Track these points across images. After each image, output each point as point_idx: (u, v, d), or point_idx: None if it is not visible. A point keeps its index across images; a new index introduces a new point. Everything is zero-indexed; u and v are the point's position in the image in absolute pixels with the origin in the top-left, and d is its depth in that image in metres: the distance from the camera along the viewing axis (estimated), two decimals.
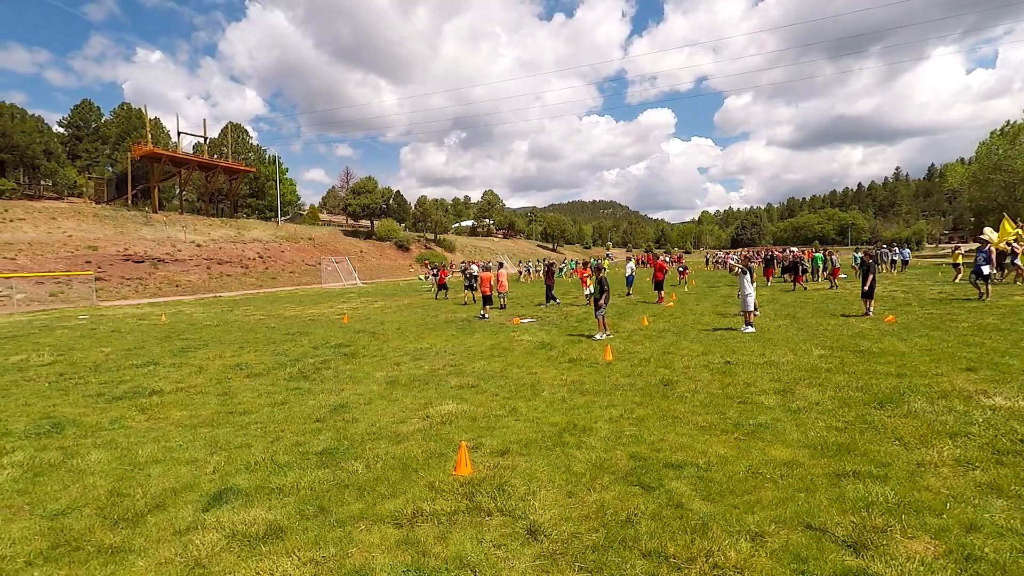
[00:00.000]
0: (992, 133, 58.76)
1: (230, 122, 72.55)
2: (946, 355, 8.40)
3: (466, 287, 21.24)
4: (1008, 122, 53.96)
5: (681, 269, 29.75)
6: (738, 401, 6.36)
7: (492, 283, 16.39)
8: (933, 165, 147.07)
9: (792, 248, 60.26)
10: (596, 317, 11.80)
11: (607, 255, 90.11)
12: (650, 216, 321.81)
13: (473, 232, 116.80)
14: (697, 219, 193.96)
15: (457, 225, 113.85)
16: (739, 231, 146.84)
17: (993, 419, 5.21)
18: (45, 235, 38.51)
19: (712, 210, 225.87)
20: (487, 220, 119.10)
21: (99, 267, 35.94)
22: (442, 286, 26.07)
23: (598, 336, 11.53)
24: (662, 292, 18.89)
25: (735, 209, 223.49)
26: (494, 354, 10.28)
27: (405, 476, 4.42)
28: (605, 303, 11.69)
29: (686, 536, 3.32)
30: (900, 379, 7.05)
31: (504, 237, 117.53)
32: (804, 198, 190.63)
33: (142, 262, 39.18)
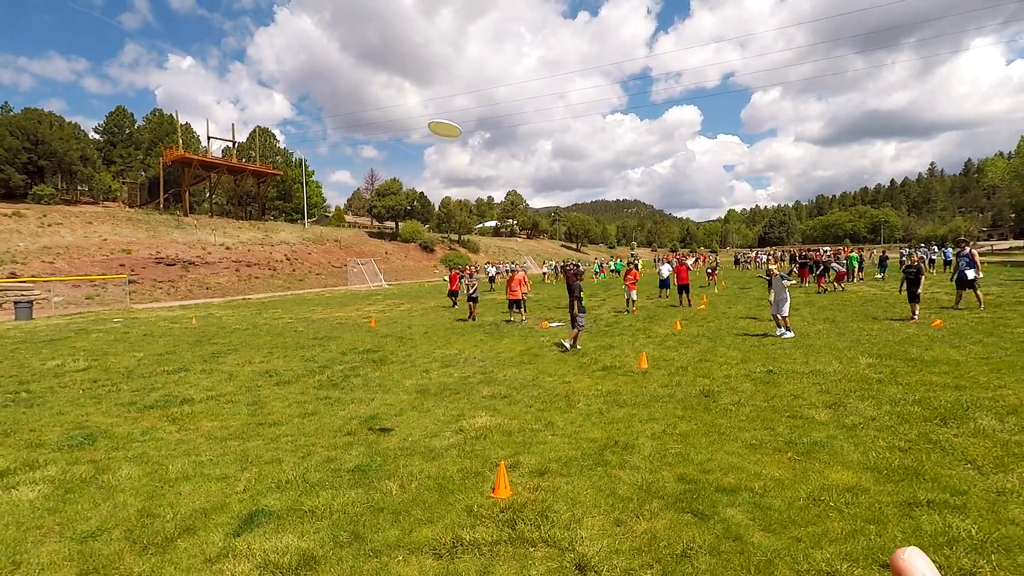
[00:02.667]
0: None
1: (258, 126, 73.79)
2: (1006, 364, 7.90)
3: (470, 299, 17.40)
4: None
5: (709, 271, 29.11)
6: (787, 415, 6.02)
7: (517, 286, 16.14)
8: (970, 160, 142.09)
9: (826, 248, 58.72)
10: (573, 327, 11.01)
11: (632, 255, 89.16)
12: (675, 215, 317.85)
13: (497, 233, 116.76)
14: (723, 218, 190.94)
15: (481, 226, 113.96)
16: (767, 230, 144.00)
17: None
18: (82, 239, 39.53)
19: (739, 208, 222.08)
20: (511, 220, 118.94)
21: (132, 270, 36.75)
22: (453, 292, 21.82)
23: (567, 344, 10.94)
24: (689, 295, 18.40)
25: (762, 207, 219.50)
26: (524, 360, 10.06)
27: (442, 498, 4.22)
28: (580, 312, 10.89)
29: (747, 574, 3.04)
30: (960, 391, 6.62)
31: (528, 237, 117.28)
32: (834, 195, 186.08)
33: (173, 265, 39.96)
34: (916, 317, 12.49)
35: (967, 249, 14.15)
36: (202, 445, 5.84)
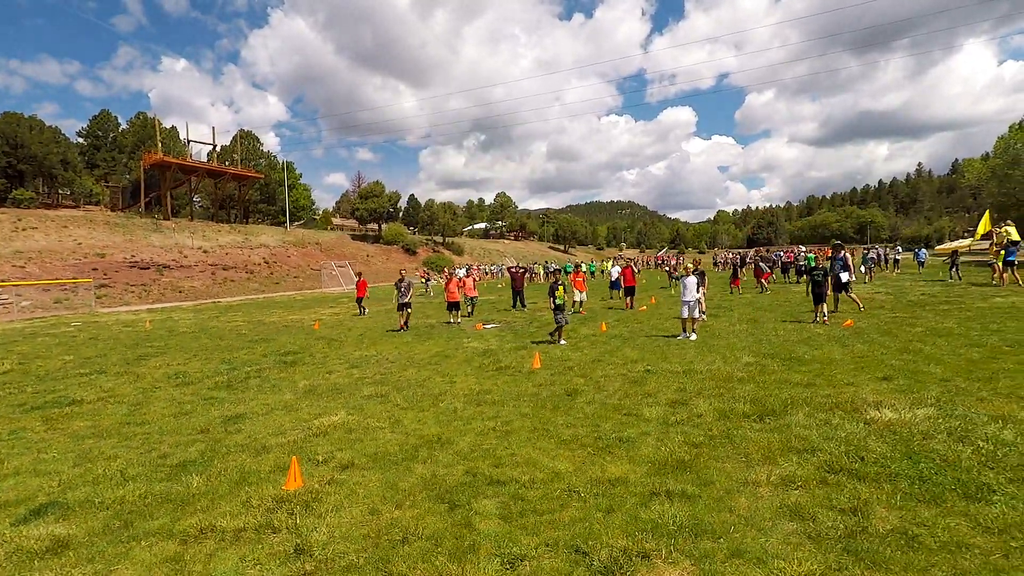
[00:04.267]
0: (1011, 127, 57.09)
1: (240, 129, 73.93)
2: (874, 363, 8.20)
3: (401, 306, 15.34)
4: None
5: (668, 270, 29.36)
6: (623, 413, 6.29)
7: (455, 288, 16.42)
8: (957, 160, 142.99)
9: (802, 248, 59.25)
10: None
11: (618, 255, 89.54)
12: (669, 216, 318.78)
13: (486, 234, 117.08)
14: (713, 218, 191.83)
15: (470, 228, 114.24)
16: (755, 230, 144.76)
17: (856, 434, 5.07)
18: (56, 243, 39.62)
19: (731, 209, 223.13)
20: (499, 222, 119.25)
21: (105, 274, 36.86)
22: (359, 299, 20.83)
23: (562, 342, 11.52)
24: (633, 298, 18.63)
25: (754, 208, 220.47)
26: (432, 362, 10.31)
27: (232, 491, 4.47)
28: (556, 310, 11.61)
29: (443, 559, 3.30)
30: (806, 389, 6.90)
31: (516, 239, 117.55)
32: (824, 196, 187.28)
33: (147, 268, 40.08)
34: (826, 319, 12.68)
35: (842, 253, 14.52)
36: (58, 443, 6.08)
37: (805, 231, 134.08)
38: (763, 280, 22.68)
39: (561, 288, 11.71)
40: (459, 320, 16.21)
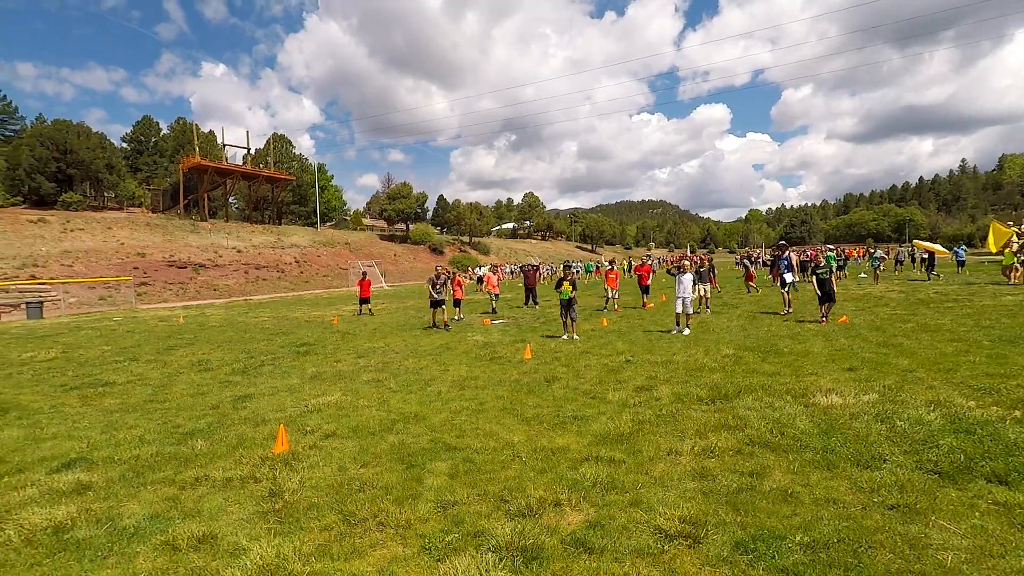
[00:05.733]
0: None
1: (274, 133, 76.40)
2: (847, 355, 8.54)
3: (435, 303, 14.69)
4: None
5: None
6: (590, 397, 6.85)
7: (456, 286, 17.18)
8: (1004, 156, 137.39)
9: (829, 247, 58.05)
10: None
11: (647, 255, 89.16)
12: (701, 215, 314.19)
13: (513, 234, 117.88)
14: (744, 217, 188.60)
15: (498, 228, 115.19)
16: (788, 229, 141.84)
17: (790, 415, 5.53)
18: (101, 243, 41.88)
19: (765, 208, 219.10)
20: (527, 222, 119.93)
21: (145, 272, 38.86)
22: (364, 300, 20.37)
23: (575, 337, 11.90)
24: (645, 296, 18.76)
25: (788, 207, 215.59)
26: (434, 353, 10.98)
27: (229, 452, 5.21)
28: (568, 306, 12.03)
29: (388, 502, 3.94)
30: (769, 378, 7.33)
31: (543, 239, 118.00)
32: (862, 194, 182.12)
33: (184, 267, 42.04)
34: (844, 318, 12.52)
35: (786, 253, 14.46)
36: (90, 416, 6.95)
37: (840, 230, 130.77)
38: (749, 282, 22.53)
39: (567, 284, 12.00)
40: (461, 316, 16.91)
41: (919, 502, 3.56)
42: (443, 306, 14.83)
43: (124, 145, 77.38)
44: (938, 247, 24.42)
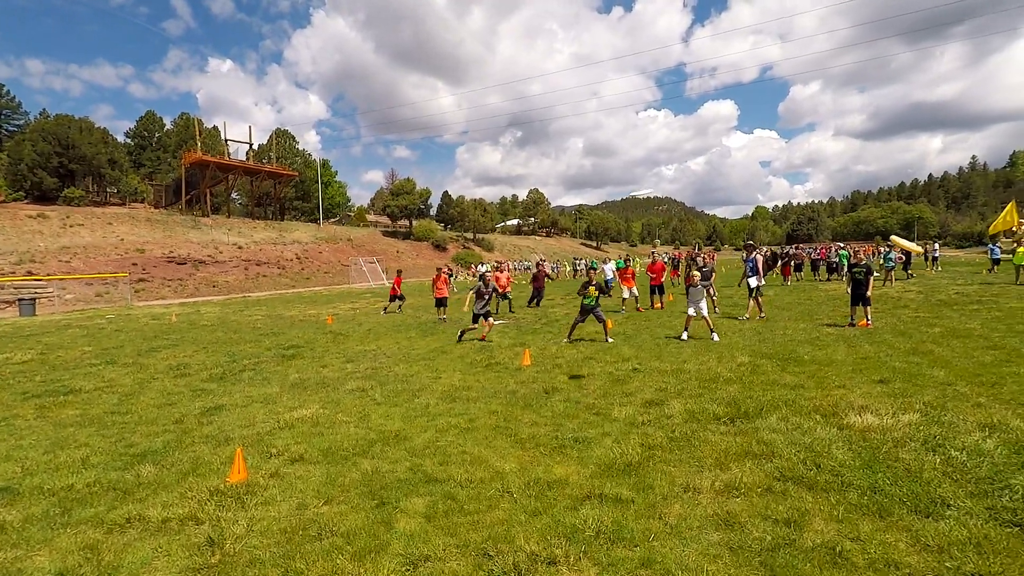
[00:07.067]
0: None
1: (277, 128, 75.83)
2: (875, 365, 7.79)
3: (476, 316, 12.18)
4: None
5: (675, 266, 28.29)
6: (593, 412, 6.14)
7: (442, 285, 16.51)
8: (1015, 153, 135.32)
9: (839, 244, 57.05)
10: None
11: (652, 252, 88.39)
12: (707, 212, 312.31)
13: (518, 231, 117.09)
14: (750, 214, 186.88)
15: (503, 224, 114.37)
16: (795, 227, 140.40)
17: (824, 440, 4.80)
18: (100, 239, 41.41)
19: (772, 205, 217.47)
20: (531, 219, 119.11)
21: (144, 268, 38.35)
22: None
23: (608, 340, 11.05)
24: (655, 296, 17.73)
25: (795, 204, 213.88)
26: (428, 357, 10.30)
27: (177, 481, 4.53)
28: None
29: (346, 558, 3.25)
30: (792, 391, 6.60)
31: (547, 235, 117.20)
32: (870, 191, 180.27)
33: (184, 264, 41.52)
34: (869, 322, 11.46)
35: (752, 255, 13.29)
36: (39, 431, 6.30)
37: (847, 227, 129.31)
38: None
39: (592, 287, 11.18)
40: (444, 317, 16.22)
41: (1005, 570, 2.84)
42: (488, 319, 12.05)
43: (128, 140, 77.07)
44: (914, 246, 24.08)
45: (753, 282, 13.30)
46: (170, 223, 49.23)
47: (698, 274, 11.80)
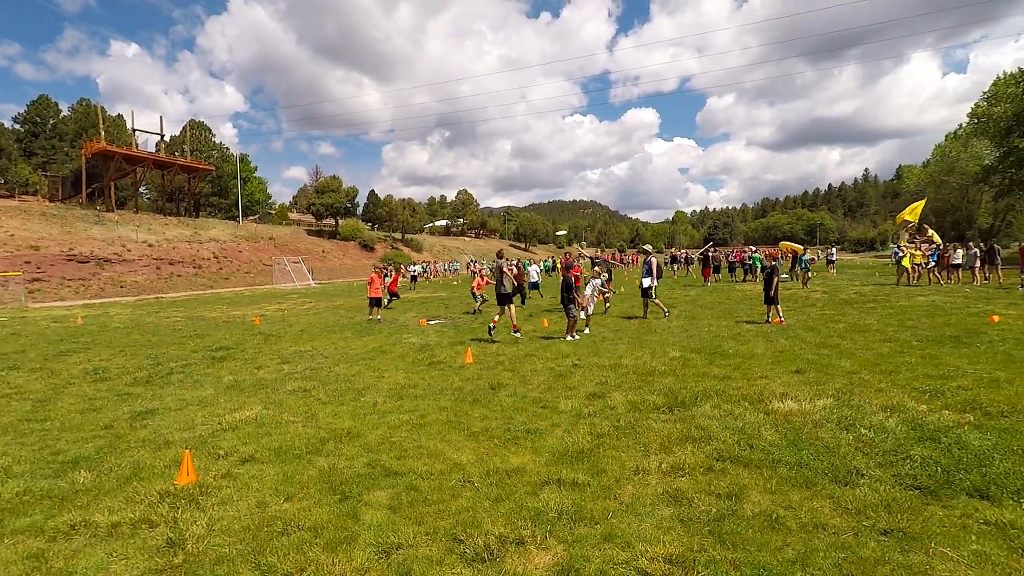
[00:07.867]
0: (947, 136, 60.28)
1: (191, 119, 71.39)
2: (791, 357, 8.53)
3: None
4: (960, 125, 55.10)
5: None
6: (540, 406, 6.37)
7: (379, 283, 16.40)
8: (900, 166, 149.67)
9: (752, 248, 61.10)
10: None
11: (579, 254, 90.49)
12: (630, 216, 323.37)
13: (447, 232, 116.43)
14: (671, 219, 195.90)
15: (431, 225, 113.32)
16: (711, 231, 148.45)
17: (753, 424, 5.27)
18: None
19: (690, 210, 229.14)
20: (460, 220, 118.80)
21: (39, 267, 35.05)
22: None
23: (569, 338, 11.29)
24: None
25: (712, 209, 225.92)
26: (368, 357, 10.18)
27: (119, 487, 4.33)
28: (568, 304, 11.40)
29: (317, 550, 3.27)
30: (721, 382, 7.12)
31: (476, 236, 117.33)
32: (778, 199, 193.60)
33: (87, 262, 38.29)
34: (782, 319, 12.34)
35: (648, 258, 14.34)
36: None
37: (759, 232, 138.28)
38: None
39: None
40: (379, 317, 16.10)
41: (910, 525, 3.30)
42: (511, 303, 11.95)
43: (16, 127, 69.94)
44: (799, 248, 26.61)
45: (647, 282, 13.88)
46: (69, 218, 45.22)
47: (599, 268, 12.44)
